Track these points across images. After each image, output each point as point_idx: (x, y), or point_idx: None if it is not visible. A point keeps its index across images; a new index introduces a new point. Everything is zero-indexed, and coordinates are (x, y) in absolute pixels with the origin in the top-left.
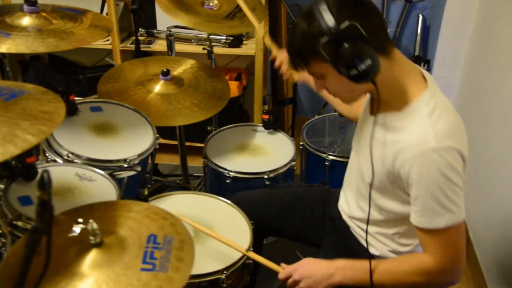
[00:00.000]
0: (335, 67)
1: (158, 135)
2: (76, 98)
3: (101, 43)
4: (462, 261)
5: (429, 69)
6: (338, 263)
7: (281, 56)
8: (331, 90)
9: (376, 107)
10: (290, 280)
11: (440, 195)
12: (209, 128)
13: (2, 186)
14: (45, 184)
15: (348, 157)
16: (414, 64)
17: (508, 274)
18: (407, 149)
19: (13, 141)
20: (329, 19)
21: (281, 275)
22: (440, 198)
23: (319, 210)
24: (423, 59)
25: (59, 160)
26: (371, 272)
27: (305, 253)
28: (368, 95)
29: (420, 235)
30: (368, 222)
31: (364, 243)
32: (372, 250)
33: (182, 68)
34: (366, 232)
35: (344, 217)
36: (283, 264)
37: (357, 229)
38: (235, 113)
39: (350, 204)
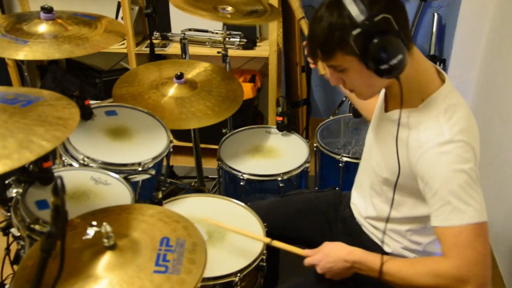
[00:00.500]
0: (362, 61)
1: (172, 139)
2: (92, 102)
3: (116, 47)
4: (482, 270)
5: (445, 68)
6: (355, 256)
7: None
8: (350, 85)
9: (391, 103)
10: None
11: (457, 189)
12: (223, 130)
13: (21, 190)
14: (58, 190)
15: None
16: (430, 61)
17: None
18: (422, 144)
19: (28, 147)
20: (362, 10)
21: (306, 262)
22: (458, 192)
23: (331, 214)
24: (439, 58)
25: (75, 164)
26: (380, 272)
27: None
28: (381, 93)
29: (437, 235)
30: (387, 220)
31: (377, 241)
32: (385, 247)
33: (195, 71)
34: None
35: (357, 215)
36: (306, 251)
37: (369, 227)
38: (250, 115)
39: (362, 202)
